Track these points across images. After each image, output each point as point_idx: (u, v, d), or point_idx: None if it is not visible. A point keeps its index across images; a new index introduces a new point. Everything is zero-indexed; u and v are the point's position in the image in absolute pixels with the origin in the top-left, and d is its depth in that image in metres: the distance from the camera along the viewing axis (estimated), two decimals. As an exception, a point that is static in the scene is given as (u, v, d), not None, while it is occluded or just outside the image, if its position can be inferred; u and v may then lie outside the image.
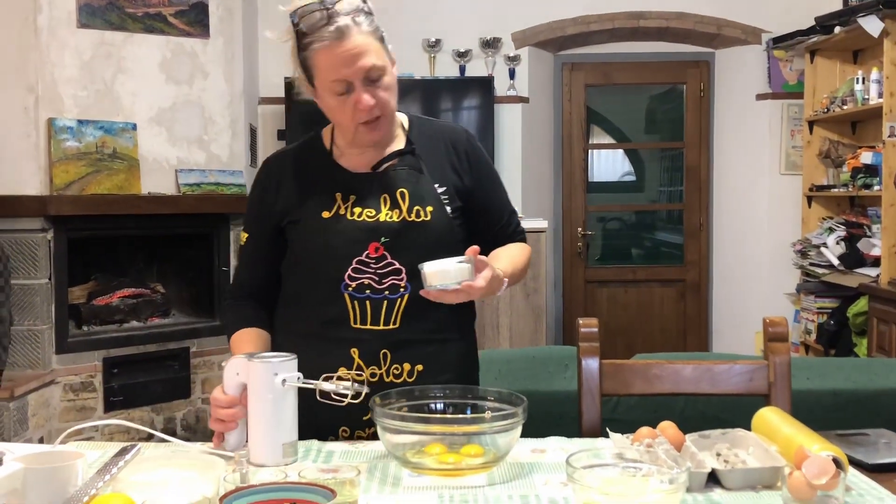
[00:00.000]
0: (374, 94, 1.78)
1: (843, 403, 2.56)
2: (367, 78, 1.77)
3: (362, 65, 1.75)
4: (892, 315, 4.33)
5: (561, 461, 1.57)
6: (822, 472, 1.40)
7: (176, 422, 5.01)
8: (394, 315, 1.84)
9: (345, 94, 1.78)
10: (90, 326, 4.83)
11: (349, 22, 1.74)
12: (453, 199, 1.91)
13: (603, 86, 6.41)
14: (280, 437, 1.63)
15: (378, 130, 1.83)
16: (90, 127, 4.67)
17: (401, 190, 1.87)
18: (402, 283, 1.84)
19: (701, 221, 6.37)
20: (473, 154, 1.97)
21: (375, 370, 1.83)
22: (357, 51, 1.75)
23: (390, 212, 1.85)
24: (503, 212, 2.03)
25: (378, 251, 1.83)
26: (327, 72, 1.77)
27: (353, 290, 1.84)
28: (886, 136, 4.60)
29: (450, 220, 1.89)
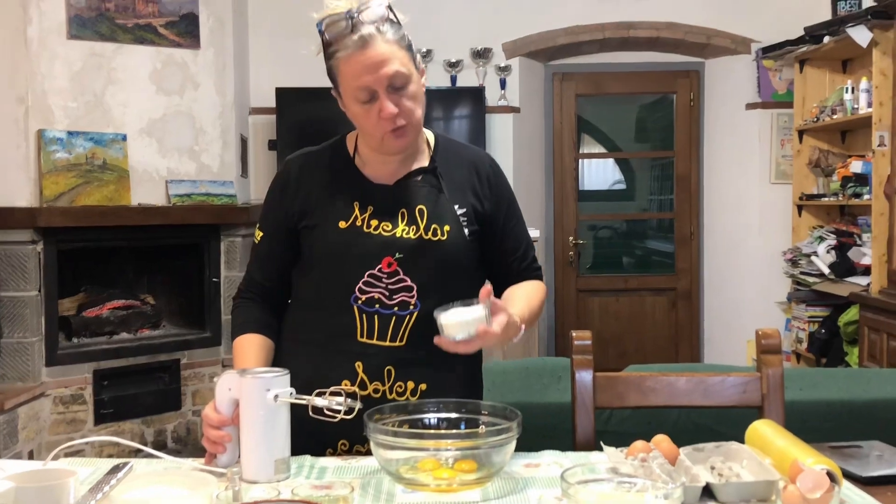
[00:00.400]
0: (398, 103, 1.77)
1: (836, 414, 2.56)
2: (391, 85, 1.76)
3: (385, 72, 1.75)
4: (883, 324, 4.34)
5: (555, 475, 1.57)
6: (816, 486, 1.40)
7: (167, 434, 4.99)
8: (401, 332, 1.82)
9: (369, 101, 1.77)
10: (80, 338, 4.81)
11: (373, 30, 1.75)
12: (472, 221, 1.89)
13: (593, 95, 6.43)
14: (273, 453, 1.62)
15: (404, 138, 1.82)
16: (80, 138, 4.66)
17: (420, 207, 1.85)
18: (413, 300, 1.82)
19: (692, 230, 6.38)
20: (496, 180, 1.96)
21: (379, 386, 1.82)
22: (380, 58, 1.74)
23: (407, 227, 1.84)
24: (520, 244, 1.99)
25: (391, 266, 1.82)
26: (351, 79, 1.77)
27: (362, 304, 1.82)
28: (876, 145, 4.62)
29: (466, 243, 1.88)
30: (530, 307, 1.89)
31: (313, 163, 1.94)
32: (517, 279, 1.98)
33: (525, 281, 1.98)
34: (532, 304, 1.91)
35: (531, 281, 1.99)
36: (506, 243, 1.96)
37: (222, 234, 5.17)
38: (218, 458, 1.68)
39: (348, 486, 1.46)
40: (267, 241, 1.96)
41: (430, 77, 5.80)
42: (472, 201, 1.91)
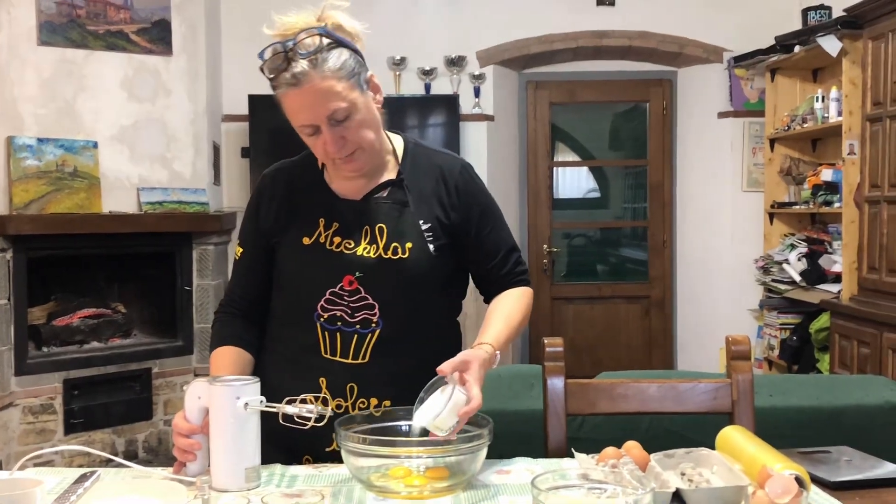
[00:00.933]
0: (343, 134, 1.74)
1: (806, 420, 2.58)
2: (332, 119, 1.72)
3: (323, 110, 1.70)
4: (854, 331, 4.37)
5: (526, 482, 1.57)
6: (784, 492, 1.40)
7: (138, 444, 4.94)
8: (363, 349, 1.81)
9: (314, 134, 1.75)
10: (50, 347, 4.77)
11: (306, 67, 1.68)
12: (438, 235, 1.85)
13: (567, 104, 6.45)
14: (243, 461, 1.61)
15: (355, 162, 1.79)
16: (50, 145, 4.62)
17: (380, 225, 1.83)
18: (375, 318, 1.81)
19: (665, 238, 6.41)
20: (465, 188, 1.90)
21: (341, 402, 1.82)
22: (316, 97, 1.69)
23: (368, 246, 1.82)
24: (497, 250, 1.93)
25: (352, 285, 1.81)
26: (292, 117, 1.74)
27: (324, 321, 1.82)
28: (846, 153, 4.66)
29: (430, 259, 1.83)
30: (509, 325, 1.85)
31: (285, 177, 1.93)
32: (500, 286, 1.95)
33: (509, 289, 1.95)
34: (511, 320, 1.87)
35: (515, 289, 1.95)
36: (482, 251, 1.92)
37: (194, 242, 5.14)
38: (188, 467, 1.67)
39: (319, 494, 1.45)
40: (246, 257, 1.95)
41: (404, 84, 5.82)
42: (438, 213, 1.86)
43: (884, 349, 4.09)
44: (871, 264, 4.35)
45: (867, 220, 4.40)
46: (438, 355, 1.74)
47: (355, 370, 1.82)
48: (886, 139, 4.21)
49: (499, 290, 1.94)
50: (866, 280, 4.41)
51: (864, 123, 4.43)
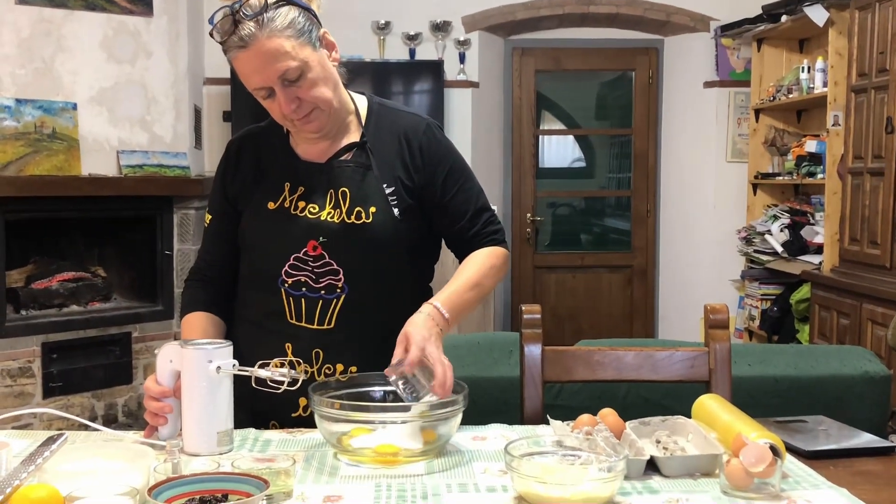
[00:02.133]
0: (298, 94, 1.70)
1: (784, 390, 2.58)
2: (284, 79, 1.67)
3: (272, 71, 1.66)
4: (834, 302, 4.39)
5: (501, 449, 1.55)
6: (759, 460, 1.40)
7: (117, 408, 4.93)
8: (328, 315, 1.79)
9: (269, 97, 1.71)
10: (28, 311, 4.72)
11: (252, 28, 1.63)
12: (402, 199, 1.81)
13: (553, 71, 6.41)
14: (215, 425, 1.59)
15: (313, 122, 1.75)
16: (29, 106, 4.56)
17: (343, 189, 1.79)
18: (340, 283, 1.78)
19: (648, 208, 6.40)
20: (429, 149, 1.85)
21: (307, 368, 1.79)
22: (264, 58, 1.65)
23: (332, 210, 1.79)
24: (465, 212, 1.87)
25: (316, 250, 1.78)
26: (245, 80, 1.70)
27: (289, 287, 1.80)
28: (830, 124, 4.65)
29: (395, 223, 1.80)
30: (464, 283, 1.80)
31: (252, 142, 1.91)
32: (470, 247, 1.89)
33: (480, 249, 1.89)
34: (469, 279, 1.81)
35: (484, 249, 1.88)
36: (449, 213, 1.86)
37: (175, 206, 5.09)
38: (159, 431, 1.66)
39: (290, 459, 1.44)
40: (215, 224, 1.93)
41: (389, 49, 5.76)
42: (402, 176, 1.82)
43: (863, 320, 4.11)
44: (853, 236, 4.36)
45: (850, 191, 4.40)
46: (405, 319, 1.72)
47: (321, 336, 1.80)
48: (871, 111, 4.20)
49: (469, 251, 1.89)
50: (847, 252, 4.42)
51: (849, 94, 4.42)
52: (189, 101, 5.19)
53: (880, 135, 4.11)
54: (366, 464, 1.54)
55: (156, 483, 1.28)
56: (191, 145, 5.22)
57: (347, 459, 1.55)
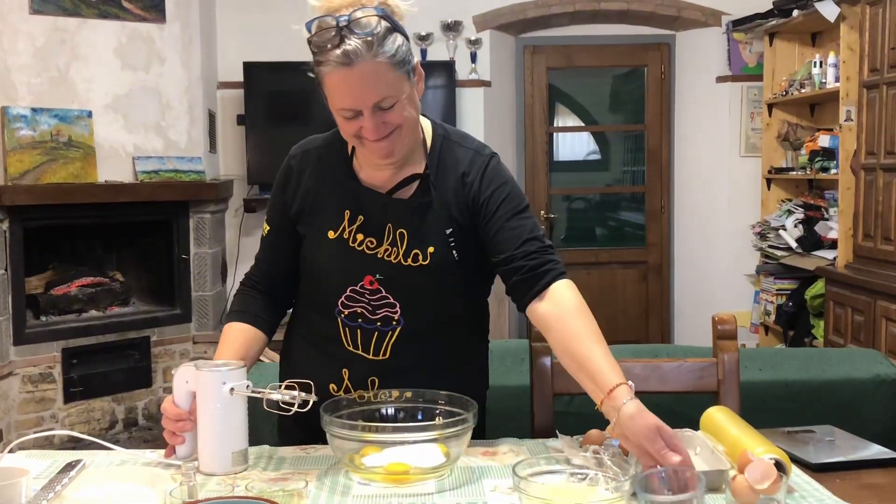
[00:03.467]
0: (384, 119, 1.65)
1: (795, 394, 2.59)
2: (376, 106, 1.63)
3: (370, 96, 1.61)
4: (848, 298, 4.38)
5: (510, 465, 1.58)
6: (764, 477, 1.42)
7: (137, 411, 4.98)
8: (384, 346, 1.79)
9: (353, 118, 1.65)
10: (48, 316, 4.78)
11: (359, 46, 1.58)
12: (460, 241, 1.77)
13: (565, 68, 6.41)
14: (229, 445, 1.63)
15: (389, 145, 1.68)
16: (44, 115, 4.60)
17: (401, 230, 1.76)
18: (396, 316, 1.78)
19: (662, 204, 6.40)
20: (479, 185, 1.77)
21: (363, 394, 1.78)
22: (366, 81, 1.60)
23: (390, 248, 1.76)
24: (515, 238, 1.73)
25: (373, 284, 1.77)
26: (334, 97, 1.64)
27: (345, 317, 1.80)
28: (843, 120, 4.64)
29: (453, 264, 1.77)
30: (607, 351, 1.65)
31: (314, 158, 1.85)
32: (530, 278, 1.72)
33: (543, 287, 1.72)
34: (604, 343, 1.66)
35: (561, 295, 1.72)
36: (497, 242, 1.75)
37: (191, 210, 5.13)
38: (177, 451, 1.69)
39: (303, 480, 1.47)
40: (272, 236, 1.89)
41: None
42: (458, 217, 1.77)
43: (877, 317, 4.10)
44: (867, 232, 4.35)
45: (863, 187, 4.39)
46: (461, 344, 1.84)
47: (376, 365, 1.80)
48: (883, 106, 4.19)
49: (523, 285, 1.73)
50: (861, 247, 4.41)
51: (861, 90, 4.41)
52: (203, 105, 5.23)
53: (893, 130, 4.10)
54: (377, 482, 1.57)
55: (171, 509, 1.32)
56: (205, 150, 5.26)
57: (359, 478, 1.58)
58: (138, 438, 4.84)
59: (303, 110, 5.20)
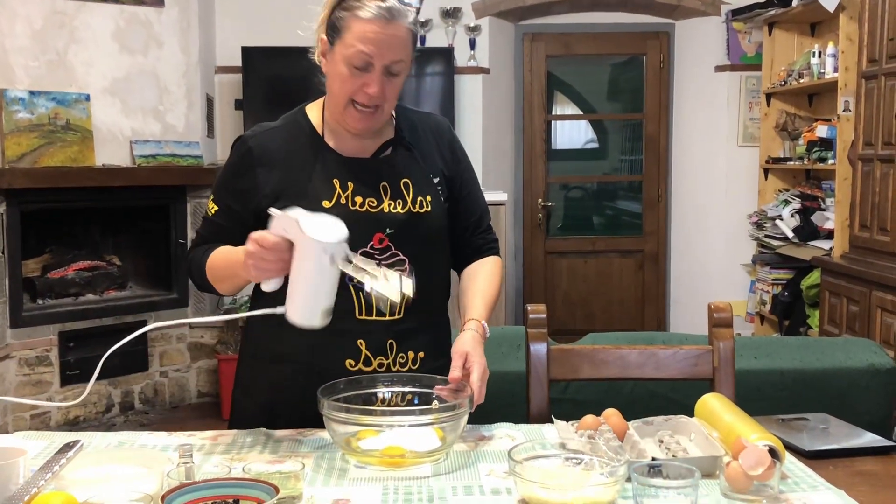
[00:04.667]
0: (385, 86, 1.74)
1: (790, 382, 2.60)
2: (388, 68, 1.73)
3: (392, 55, 1.72)
4: (844, 288, 4.40)
5: (506, 450, 1.59)
6: (758, 463, 1.43)
7: (134, 395, 4.99)
8: (399, 305, 1.81)
9: (360, 69, 1.72)
10: (45, 300, 4.79)
11: (403, 9, 1.71)
12: (444, 188, 1.90)
13: (564, 56, 6.41)
14: (321, 302, 1.61)
15: (368, 120, 1.79)
16: (42, 98, 4.60)
17: (404, 180, 1.84)
18: (406, 273, 1.80)
19: (660, 193, 6.41)
20: (455, 145, 1.96)
21: (383, 360, 1.82)
22: (396, 39, 1.71)
23: (393, 202, 1.82)
24: (476, 208, 1.98)
25: (382, 242, 1.80)
26: (357, 40, 1.70)
27: (358, 282, 1.78)
28: (841, 110, 4.64)
29: (444, 211, 1.89)
30: (487, 302, 1.89)
31: (278, 140, 1.85)
32: (472, 252, 1.97)
33: (481, 258, 1.97)
34: (488, 297, 1.90)
35: (487, 261, 1.97)
36: (462, 210, 1.95)
37: (189, 195, 5.13)
38: (266, 282, 1.65)
39: (300, 463, 1.47)
40: (223, 217, 1.87)
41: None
42: (441, 168, 1.91)
43: (872, 307, 4.12)
44: (863, 222, 4.36)
45: (860, 177, 4.39)
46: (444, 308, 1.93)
47: (392, 326, 1.82)
48: (881, 97, 4.19)
49: (471, 256, 1.97)
50: (858, 238, 4.42)
51: (860, 80, 4.41)
52: (201, 90, 5.22)
53: (890, 122, 4.10)
54: (373, 465, 1.57)
55: (169, 490, 1.32)
56: (203, 134, 5.26)
57: (356, 461, 1.59)
58: (135, 422, 4.85)
59: (300, 95, 5.19)
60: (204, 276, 1.85)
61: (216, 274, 1.83)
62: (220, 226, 1.88)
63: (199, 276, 1.87)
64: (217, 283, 1.85)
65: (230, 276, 1.79)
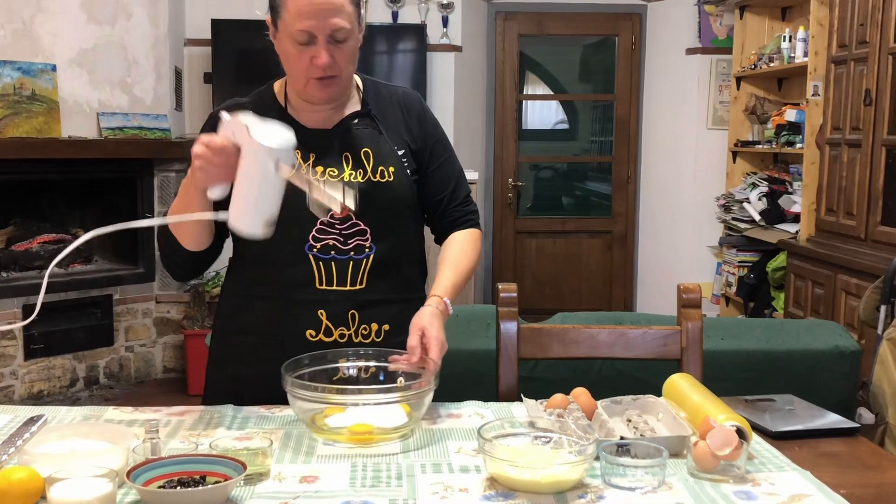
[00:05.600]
0: (334, 54, 1.74)
1: (756, 363, 2.63)
2: (331, 36, 1.73)
3: (331, 22, 1.71)
4: (809, 271, 4.44)
5: (474, 427, 1.59)
6: (725, 443, 1.44)
7: (99, 370, 4.95)
8: (360, 275, 1.82)
9: (306, 44, 1.73)
10: (9, 273, 4.72)
11: None
12: (410, 162, 1.90)
13: (536, 36, 6.39)
14: (265, 210, 1.60)
15: (329, 89, 1.79)
16: (7, 68, 4.51)
17: (365, 150, 1.84)
18: (367, 243, 1.82)
19: (629, 174, 6.43)
20: (425, 118, 1.95)
21: (344, 331, 1.82)
22: (330, 7, 1.70)
23: (353, 171, 1.83)
24: (449, 182, 1.96)
25: (343, 211, 1.80)
26: (295, 19, 1.71)
27: (317, 252, 1.81)
28: (810, 94, 4.67)
29: (410, 182, 1.88)
30: (458, 273, 1.88)
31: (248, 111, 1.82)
32: (450, 224, 1.97)
33: (459, 230, 1.97)
34: (461, 268, 1.90)
35: (464, 232, 1.97)
36: (435, 182, 1.95)
37: (156, 168, 5.07)
38: (212, 189, 1.63)
39: (268, 440, 1.47)
40: None
41: (371, 12, 5.73)
42: (408, 141, 1.91)
43: (837, 290, 4.16)
44: (830, 206, 4.40)
45: (828, 162, 4.43)
46: (416, 277, 1.91)
47: (353, 297, 1.82)
48: (850, 82, 4.22)
49: (449, 228, 1.97)
50: (824, 222, 4.46)
51: (829, 65, 4.43)
52: (170, 62, 5.16)
53: (859, 107, 4.14)
54: (341, 442, 1.57)
55: (134, 465, 1.31)
56: (171, 107, 5.19)
57: (323, 439, 1.58)
58: (99, 397, 4.81)
59: (271, 69, 5.14)
60: (169, 235, 1.82)
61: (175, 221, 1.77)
62: None
63: (166, 239, 1.84)
64: (178, 234, 1.80)
65: (184, 208, 1.72)
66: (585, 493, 1.37)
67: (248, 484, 1.37)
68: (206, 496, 1.28)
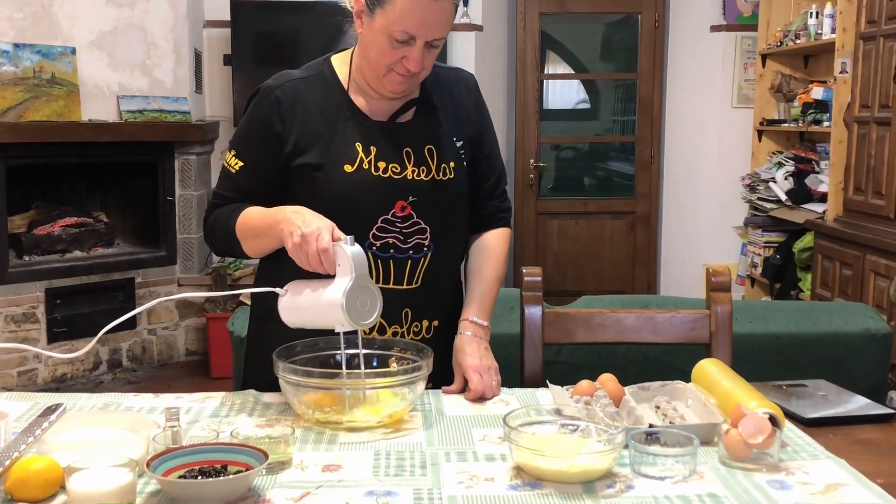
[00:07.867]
0: (425, 58, 1.70)
1: (785, 347, 2.58)
2: (432, 42, 1.68)
3: (436, 31, 1.67)
4: (837, 252, 4.37)
5: (500, 414, 1.56)
6: (758, 431, 1.40)
7: (122, 353, 4.95)
8: (417, 274, 1.78)
9: (402, 43, 1.66)
10: (31, 256, 4.73)
11: None
12: (467, 152, 1.86)
13: (558, 14, 6.32)
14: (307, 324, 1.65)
15: (407, 84, 1.74)
16: (27, 51, 4.51)
17: (429, 147, 1.79)
18: (427, 242, 1.78)
19: (652, 154, 6.35)
20: (481, 105, 1.91)
21: (397, 328, 1.79)
22: (441, 15, 1.65)
23: (416, 168, 1.77)
24: (492, 172, 1.93)
25: (405, 210, 1.76)
26: (401, 17, 1.64)
27: (377, 250, 1.75)
28: (838, 72, 4.59)
29: (466, 176, 1.85)
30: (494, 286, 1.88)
31: (305, 92, 1.78)
32: (483, 219, 1.93)
33: (490, 230, 1.94)
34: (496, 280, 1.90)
35: (495, 234, 1.94)
36: (479, 172, 1.90)
37: (176, 151, 5.06)
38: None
39: (290, 427, 1.44)
40: (248, 173, 1.78)
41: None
42: (466, 130, 1.86)
43: (866, 271, 4.10)
44: (858, 186, 4.33)
45: (856, 140, 4.35)
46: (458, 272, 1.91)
47: (408, 295, 1.79)
48: (879, 59, 4.14)
49: (481, 223, 1.93)
50: (852, 201, 4.39)
51: (858, 42, 4.35)
52: (189, 44, 5.13)
53: (888, 84, 4.06)
54: (366, 434, 1.54)
55: (154, 455, 1.29)
56: (191, 90, 5.17)
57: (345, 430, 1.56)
58: (122, 380, 4.82)
59: (291, 51, 5.11)
60: (231, 237, 1.76)
61: (247, 232, 1.74)
62: (244, 183, 1.79)
63: (224, 238, 1.78)
64: (245, 241, 1.75)
65: (263, 234, 1.70)
66: (614, 483, 1.34)
67: (269, 473, 1.35)
68: (227, 486, 1.25)
